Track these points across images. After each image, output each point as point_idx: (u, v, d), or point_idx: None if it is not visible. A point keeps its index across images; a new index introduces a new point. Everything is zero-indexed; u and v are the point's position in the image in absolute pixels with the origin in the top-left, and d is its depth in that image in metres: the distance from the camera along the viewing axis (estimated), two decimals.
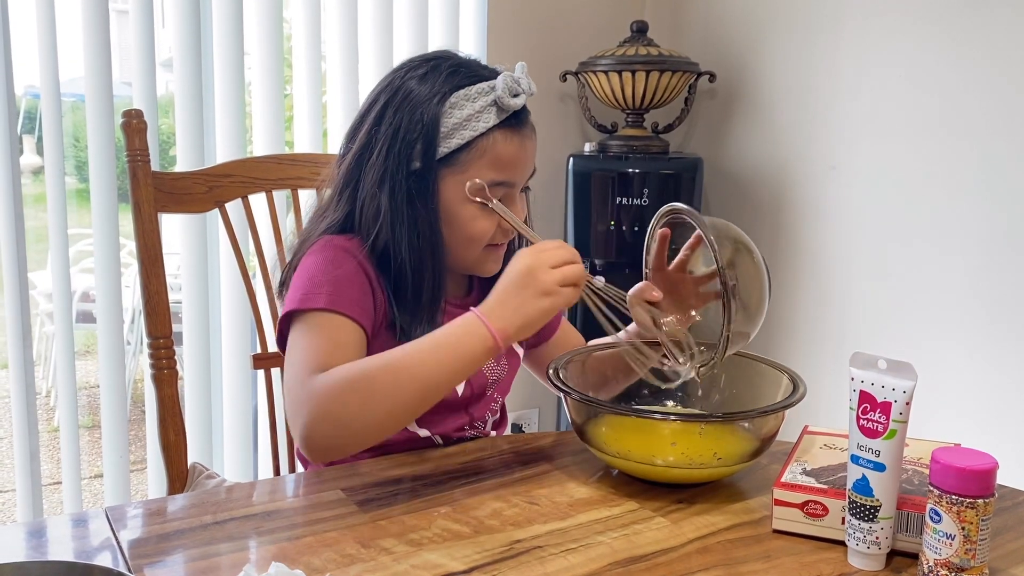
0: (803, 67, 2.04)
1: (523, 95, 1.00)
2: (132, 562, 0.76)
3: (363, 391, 0.87)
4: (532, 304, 0.88)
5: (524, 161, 1.03)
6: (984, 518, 0.71)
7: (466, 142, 0.99)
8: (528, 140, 1.03)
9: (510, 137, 1.01)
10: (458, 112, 0.99)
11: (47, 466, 3.05)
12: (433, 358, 0.88)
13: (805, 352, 2.08)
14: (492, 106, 0.99)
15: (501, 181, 1.01)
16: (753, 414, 0.95)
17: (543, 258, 0.88)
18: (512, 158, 1.01)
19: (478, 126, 0.99)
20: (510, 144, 1.00)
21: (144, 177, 1.18)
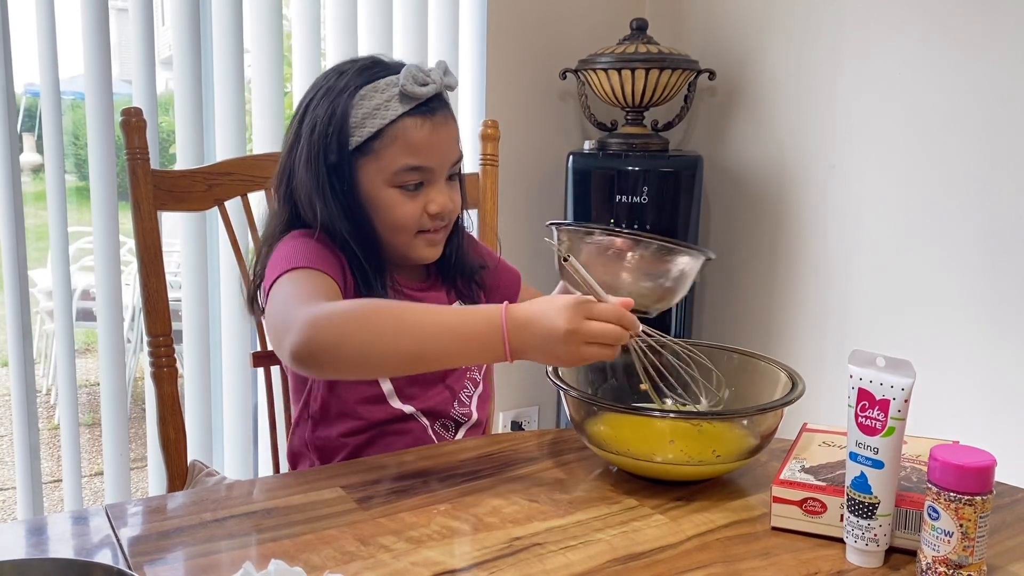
0: (803, 65, 2.04)
1: (432, 84, 1.03)
2: (132, 560, 0.76)
3: (362, 322, 0.87)
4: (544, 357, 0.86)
5: (438, 146, 1.05)
6: (982, 515, 0.71)
7: (377, 130, 1.03)
8: (441, 127, 1.05)
9: (420, 123, 1.03)
10: (367, 103, 1.03)
11: (47, 464, 3.05)
12: (438, 330, 0.87)
13: (804, 349, 2.08)
14: (398, 95, 1.03)
15: (416, 166, 1.04)
16: (752, 411, 0.95)
17: (587, 328, 0.84)
18: (423, 143, 1.03)
19: (386, 114, 1.03)
20: (420, 130, 1.03)
21: (144, 175, 1.18)
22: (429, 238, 1.08)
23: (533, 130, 2.25)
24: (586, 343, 0.85)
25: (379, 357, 0.87)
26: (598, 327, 0.85)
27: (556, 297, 0.88)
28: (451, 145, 1.07)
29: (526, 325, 0.85)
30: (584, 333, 0.84)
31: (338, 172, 1.04)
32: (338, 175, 1.04)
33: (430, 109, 1.04)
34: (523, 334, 0.85)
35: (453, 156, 1.07)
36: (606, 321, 0.85)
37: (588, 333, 0.84)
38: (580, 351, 0.85)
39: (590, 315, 0.85)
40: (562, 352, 0.85)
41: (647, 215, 2.04)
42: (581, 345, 0.85)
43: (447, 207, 1.07)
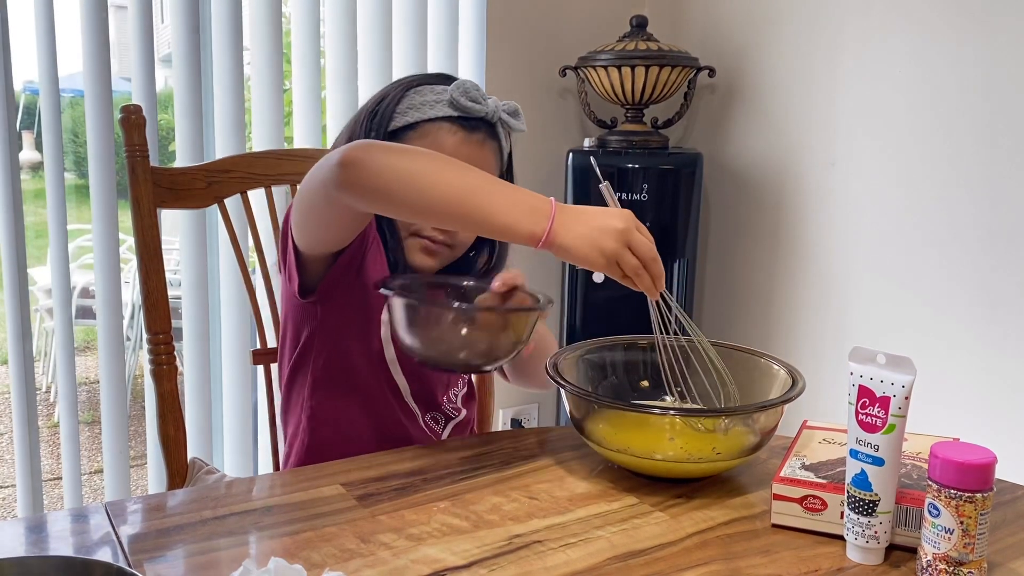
0: (803, 62, 2.03)
1: (482, 106, 1.06)
2: (132, 557, 0.76)
3: (409, 153, 0.90)
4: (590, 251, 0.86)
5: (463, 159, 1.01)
6: (983, 512, 0.71)
7: (415, 121, 1.05)
8: (475, 146, 1.06)
9: (455, 131, 1.06)
10: (418, 97, 1.07)
11: (47, 462, 3.05)
12: (491, 180, 0.89)
13: (804, 347, 2.08)
14: (448, 101, 1.06)
15: None
16: (752, 409, 0.95)
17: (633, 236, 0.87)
18: (449, 149, 1.04)
19: (429, 111, 1.06)
20: (453, 136, 1.05)
21: (143, 173, 1.18)
22: (424, 244, 1.08)
23: (533, 127, 2.24)
24: (629, 249, 0.87)
25: (425, 183, 0.87)
26: (642, 239, 0.88)
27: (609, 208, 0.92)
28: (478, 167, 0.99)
29: (577, 214, 0.87)
30: (632, 238, 0.87)
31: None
32: None
33: (472, 127, 1.06)
34: (571, 219, 0.87)
35: None
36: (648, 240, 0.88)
37: (635, 240, 0.87)
38: (622, 253, 0.86)
39: (638, 226, 0.88)
40: (608, 247, 0.86)
41: (647, 212, 2.04)
42: (625, 249, 0.87)
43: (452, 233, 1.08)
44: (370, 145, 0.90)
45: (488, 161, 1.08)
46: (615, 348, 1.08)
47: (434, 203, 0.87)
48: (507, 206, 0.86)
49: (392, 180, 0.87)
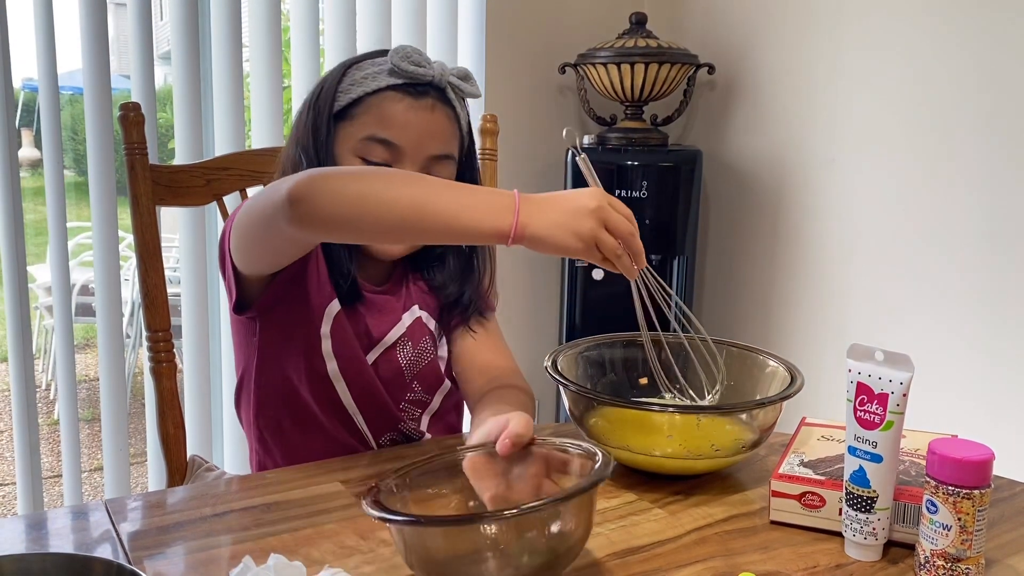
0: (802, 59, 2.03)
1: (426, 69, 1.01)
2: (132, 554, 0.76)
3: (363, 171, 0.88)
4: (562, 231, 0.81)
5: (412, 126, 1.00)
6: (980, 509, 0.71)
7: (358, 96, 1.01)
8: (424, 111, 1.01)
9: (400, 98, 1.01)
10: (358, 73, 1.03)
11: (47, 459, 3.05)
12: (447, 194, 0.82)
13: (803, 344, 2.08)
14: (389, 69, 1.01)
15: (381, 138, 1.00)
16: (751, 405, 0.95)
17: (608, 213, 0.82)
18: (396, 117, 1.00)
19: (372, 84, 1.01)
20: (398, 103, 1.00)
21: (142, 170, 1.18)
22: None
23: (532, 124, 2.25)
24: (605, 227, 0.82)
25: (377, 204, 0.81)
26: (618, 216, 0.82)
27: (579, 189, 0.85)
28: (431, 135, 1.01)
29: (545, 200, 0.82)
30: (607, 215, 0.81)
31: (316, 136, 1.02)
32: (316, 139, 1.02)
33: (419, 92, 1.01)
34: (538, 207, 0.81)
35: (431, 148, 1.01)
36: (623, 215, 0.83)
37: (610, 217, 0.82)
38: (599, 232, 0.81)
39: (612, 203, 0.83)
40: (584, 228, 0.81)
41: (646, 210, 2.04)
42: (602, 228, 0.81)
43: None
44: (314, 176, 0.82)
45: (442, 126, 1.02)
46: (614, 345, 1.08)
47: (391, 223, 0.82)
48: (467, 208, 0.80)
49: (344, 208, 0.82)
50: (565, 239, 0.81)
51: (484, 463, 0.77)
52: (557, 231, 0.81)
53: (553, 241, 0.81)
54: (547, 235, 0.81)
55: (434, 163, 1.02)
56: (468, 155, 1.09)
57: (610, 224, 0.82)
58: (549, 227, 0.80)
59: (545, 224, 0.80)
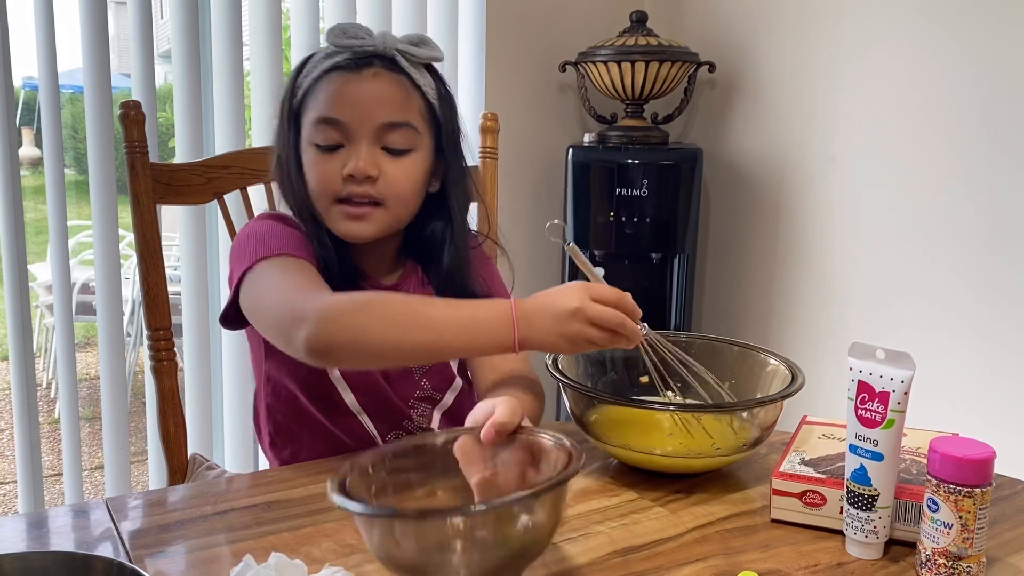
0: (803, 57, 2.03)
1: (366, 40, 0.98)
2: (133, 552, 0.76)
3: (375, 316, 0.86)
4: (556, 339, 0.85)
5: (354, 99, 0.98)
6: (981, 507, 0.71)
7: (309, 86, 1.00)
8: (365, 81, 0.98)
9: (341, 74, 0.99)
10: (309, 65, 1.02)
11: (48, 457, 3.05)
12: (450, 323, 0.86)
13: (804, 342, 2.08)
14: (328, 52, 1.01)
15: (327, 118, 0.98)
16: (751, 404, 0.95)
17: (590, 309, 0.84)
18: (337, 94, 0.98)
19: (317, 70, 1.00)
20: (335, 80, 0.99)
21: (143, 169, 1.18)
22: (346, 210, 0.99)
23: (533, 123, 2.24)
24: (591, 324, 0.84)
25: (394, 350, 0.86)
26: (601, 309, 0.84)
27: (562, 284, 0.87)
28: (379, 103, 0.98)
29: (535, 313, 0.85)
30: (590, 313, 0.84)
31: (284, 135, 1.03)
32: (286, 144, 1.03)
33: (359, 64, 0.98)
34: (532, 322, 0.85)
35: (381, 116, 0.98)
36: (608, 303, 0.84)
37: (593, 313, 0.84)
38: (586, 331, 0.84)
39: (594, 295, 0.85)
40: (571, 331, 0.84)
41: (647, 208, 2.04)
42: (587, 325, 0.84)
43: (364, 170, 0.97)
44: (328, 330, 0.84)
45: (390, 93, 0.99)
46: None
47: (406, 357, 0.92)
48: (474, 337, 0.85)
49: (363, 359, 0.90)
50: (558, 344, 0.86)
51: (473, 448, 0.77)
52: (549, 338, 0.85)
53: (550, 348, 0.87)
54: (544, 343, 0.85)
55: (388, 132, 0.99)
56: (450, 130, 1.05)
57: (594, 320, 0.84)
58: (543, 335, 0.85)
59: (540, 332, 0.85)
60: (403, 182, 1.00)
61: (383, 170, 0.98)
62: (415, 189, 1.02)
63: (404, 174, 1.00)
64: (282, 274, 0.94)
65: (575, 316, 0.83)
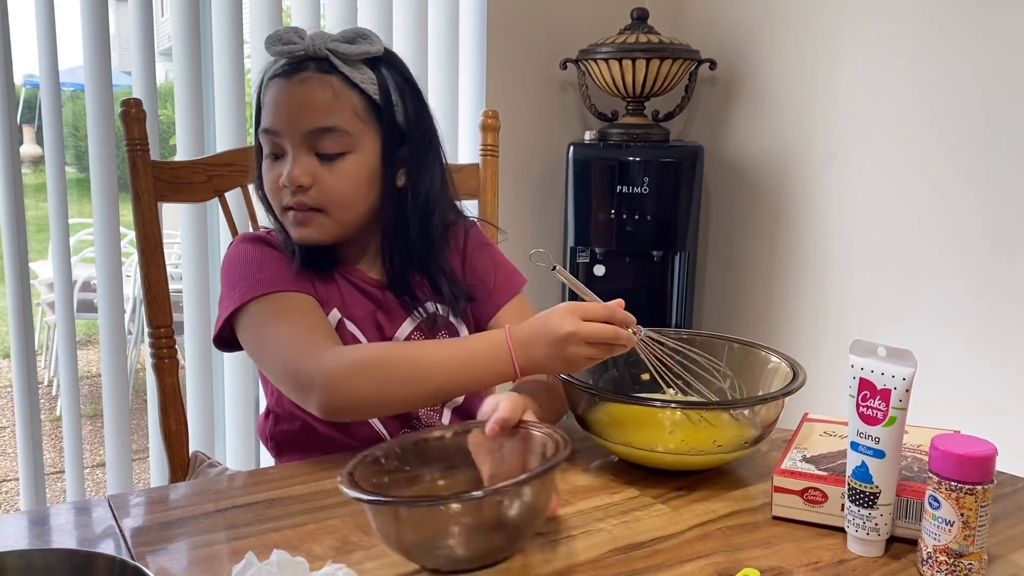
0: (804, 55, 2.03)
1: (296, 44, 0.97)
2: (135, 550, 0.76)
3: (380, 377, 0.89)
4: (555, 363, 0.88)
5: (283, 108, 0.97)
6: (983, 504, 0.71)
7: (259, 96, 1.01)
8: (294, 88, 0.97)
9: (276, 83, 0.99)
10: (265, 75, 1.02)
11: (50, 455, 3.05)
12: (451, 365, 0.90)
13: (805, 340, 2.08)
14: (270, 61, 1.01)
15: (265, 128, 1.00)
16: (753, 401, 0.95)
17: (583, 330, 0.86)
18: (271, 104, 0.98)
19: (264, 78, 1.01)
20: (270, 90, 0.99)
21: (143, 166, 1.18)
22: (295, 216, 0.99)
23: (533, 120, 2.24)
24: (587, 343, 0.87)
25: (401, 402, 0.93)
26: (593, 327, 0.87)
27: (553, 308, 0.89)
28: (306, 109, 0.97)
29: (530, 342, 0.88)
30: (583, 334, 0.86)
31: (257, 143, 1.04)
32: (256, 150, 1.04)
33: (291, 70, 0.98)
34: (529, 350, 0.88)
35: (309, 122, 0.97)
36: (598, 319, 0.87)
37: (587, 334, 0.86)
38: (582, 351, 0.87)
39: (584, 315, 0.87)
40: (567, 355, 0.87)
41: (647, 205, 2.04)
42: (583, 345, 0.87)
43: (295, 180, 0.96)
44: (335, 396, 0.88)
45: (315, 98, 0.96)
46: None
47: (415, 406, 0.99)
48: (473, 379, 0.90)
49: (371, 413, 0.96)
50: (557, 368, 0.89)
51: (483, 441, 0.81)
52: (549, 363, 0.88)
53: (550, 371, 0.91)
54: (544, 367, 0.89)
55: (318, 138, 0.97)
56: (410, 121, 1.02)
57: (589, 339, 0.86)
58: (542, 361, 0.88)
59: (538, 359, 0.88)
60: (339, 187, 0.98)
61: (317, 177, 0.98)
62: (356, 191, 1.00)
63: (340, 179, 0.98)
64: (279, 322, 0.96)
65: (570, 340, 0.86)
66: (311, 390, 0.89)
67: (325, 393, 0.88)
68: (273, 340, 0.95)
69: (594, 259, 2.10)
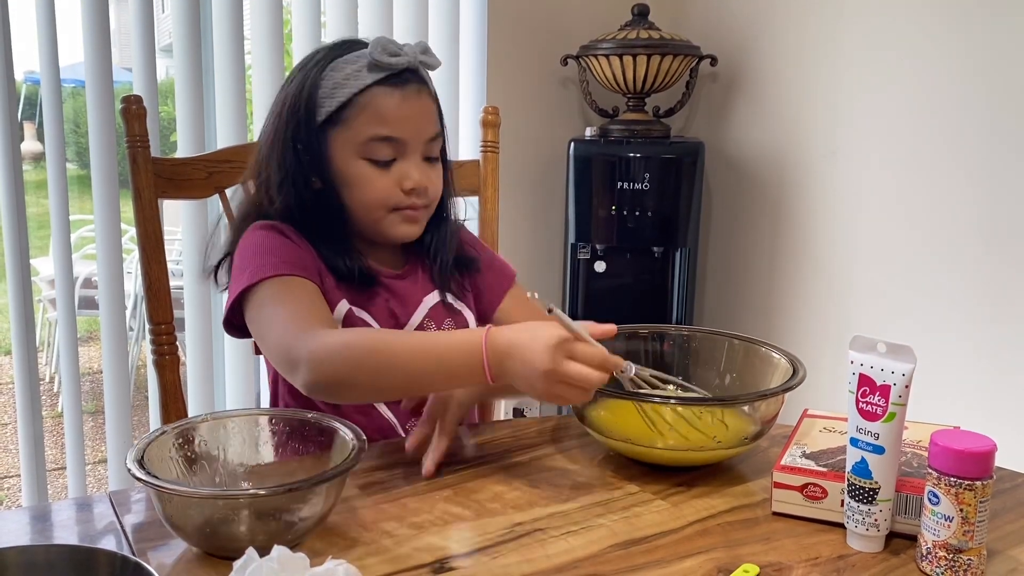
0: (805, 51, 2.03)
1: (404, 57, 1.02)
2: (136, 546, 0.77)
3: (355, 361, 0.88)
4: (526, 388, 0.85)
5: (409, 118, 1.03)
6: (982, 500, 0.71)
7: (346, 100, 1.01)
8: (413, 99, 1.03)
9: (390, 92, 1.01)
10: (336, 74, 1.02)
11: (51, 452, 3.06)
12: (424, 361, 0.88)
13: (805, 335, 2.08)
14: (368, 64, 1.02)
15: (386, 136, 1.02)
16: (753, 397, 0.95)
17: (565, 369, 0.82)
18: (393, 113, 1.02)
19: (355, 83, 1.01)
20: (390, 98, 1.01)
21: (144, 163, 1.18)
22: (406, 214, 1.05)
23: (534, 117, 2.24)
24: (564, 383, 0.82)
25: (377, 392, 0.96)
26: (576, 370, 0.82)
27: (542, 329, 0.84)
28: (425, 119, 1.05)
29: (507, 353, 0.84)
30: (562, 374, 0.82)
31: (308, 147, 1.03)
32: (308, 150, 1.03)
33: (402, 80, 1.02)
34: (503, 362, 0.84)
35: (428, 131, 1.05)
36: (588, 363, 0.83)
37: (566, 374, 0.82)
38: (556, 390, 0.83)
39: (572, 355, 0.83)
40: (540, 388, 0.83)
41: (648, 202, 2.04)
42: (558, 384, 0.82)
43: (422, 184, 1.04)
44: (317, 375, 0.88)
45: (430, 108, 1.05)
46: (616, 338, 1.07)
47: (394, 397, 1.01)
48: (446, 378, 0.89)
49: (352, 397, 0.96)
50: (531, 392, 0.85)
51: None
52: (524, 385, 0.85)
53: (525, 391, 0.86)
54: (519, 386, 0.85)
55: (431, 144, 1.06)
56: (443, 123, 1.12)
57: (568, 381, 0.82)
58: (517, 380, 0.85)
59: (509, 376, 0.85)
60: (439, 186, 1.09)
61: (429, 179, 1.06)
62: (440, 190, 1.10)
63: (439, 179, 1.08)
64: (277, 302, 0.97)
65: (548, 377, 0.82)
66: (297, 367, 0.90)
67: (309, 371, 0.89)
68: (273, 319, 0.96)
69: (595, 255, 2.10)
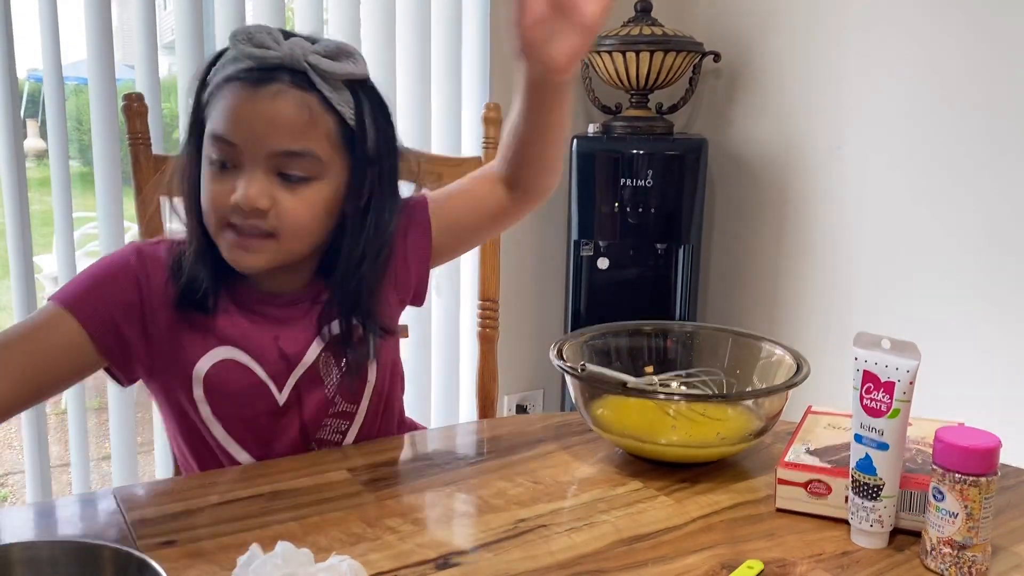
0: (809, 47, 2.02)
1: (272, 51, 0.85)
2: (140, 542, 0.77)
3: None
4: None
5: (249, 121, 0.85)
6: (987, 496, 0.71)
7: (211, 92, 0.89)
8: (264, 101, 0.85)
9: (238, 88, 0.86)
10: (219, 68, 0.90)
11: (55, 448, 3.06)
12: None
13: (809, 332, 2.08)
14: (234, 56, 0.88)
15: (219, 136, 0.87)
16: (757, 394, 0.95)
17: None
18: (231, 112, 0.86)
19: (220, 75, 0.88)
20: (234, 94, 0.86)
21: (146, 160, 1.18)
22: (234, 239, 0.88)
23: None
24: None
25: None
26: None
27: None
28: (275, 128, 0.86)
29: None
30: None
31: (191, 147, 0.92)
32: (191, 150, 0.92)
33: (261, 78, 0.86)
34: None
35: (276, 143, 0.86)
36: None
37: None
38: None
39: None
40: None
41: (651, 198, 2.04)
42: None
43: (252, 203, 0.85)
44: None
45: (288, 117, 0.86)
46: (619, 334, 1.08)
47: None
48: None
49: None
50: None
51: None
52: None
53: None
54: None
55: (285, 160, 0.87)
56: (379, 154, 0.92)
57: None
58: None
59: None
60: (299, 215, 0.88)
61: (276, 200, 0.87)
62: (314, 221, 0.90)
63: (301, 206, 0.88)
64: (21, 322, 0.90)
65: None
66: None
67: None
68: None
69: (598, 252, 2.10)
